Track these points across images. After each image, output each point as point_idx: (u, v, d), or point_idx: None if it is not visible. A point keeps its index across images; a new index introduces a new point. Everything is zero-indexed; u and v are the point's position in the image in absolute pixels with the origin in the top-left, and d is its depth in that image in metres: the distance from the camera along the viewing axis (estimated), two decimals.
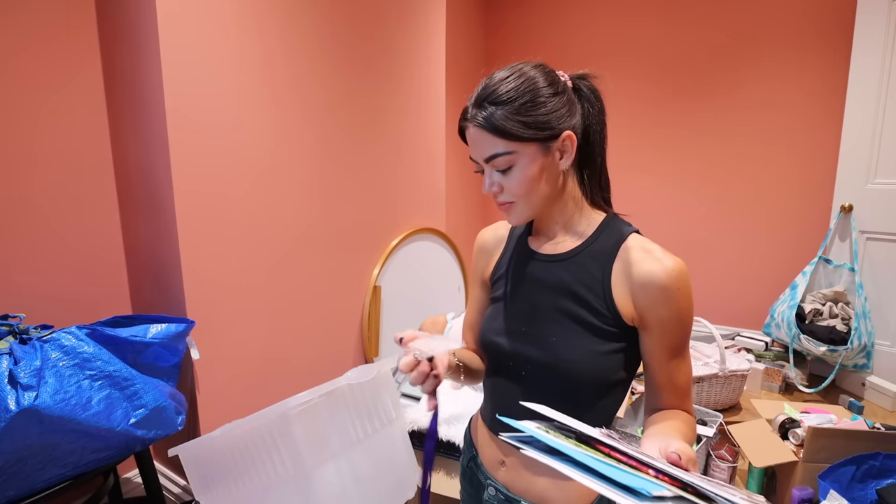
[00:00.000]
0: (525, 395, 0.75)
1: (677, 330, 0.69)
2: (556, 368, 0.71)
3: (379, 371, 1.05)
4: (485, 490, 0.81)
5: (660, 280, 0.66)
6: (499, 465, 0.79)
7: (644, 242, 0.71)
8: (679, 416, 0.70)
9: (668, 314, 0.67)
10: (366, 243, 2.08)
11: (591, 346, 0.70)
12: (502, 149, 0.67)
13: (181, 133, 1.41)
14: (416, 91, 2.25)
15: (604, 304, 0.70)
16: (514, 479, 0.77)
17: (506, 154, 0.67)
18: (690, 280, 0.69)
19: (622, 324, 0.70)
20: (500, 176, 0.69)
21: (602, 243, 0.72)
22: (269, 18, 1.60)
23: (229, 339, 1.60)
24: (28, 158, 1.43)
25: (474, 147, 0.70)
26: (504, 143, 0.67)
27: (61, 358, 1.10)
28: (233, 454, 1.01)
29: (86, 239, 1.56)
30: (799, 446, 1.63)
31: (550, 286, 0.74)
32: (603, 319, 0.70)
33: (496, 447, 0.80)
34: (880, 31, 2.24)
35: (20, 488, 1.09)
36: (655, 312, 0.68)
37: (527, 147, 0.67)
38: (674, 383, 0.71)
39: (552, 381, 0.73)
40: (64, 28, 1.46)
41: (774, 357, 2.57)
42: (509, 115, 0.65)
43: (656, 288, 0.67)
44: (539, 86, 0.67)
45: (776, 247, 2.80)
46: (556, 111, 0.67)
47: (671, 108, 2.97)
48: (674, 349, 0.70)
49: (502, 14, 3.44)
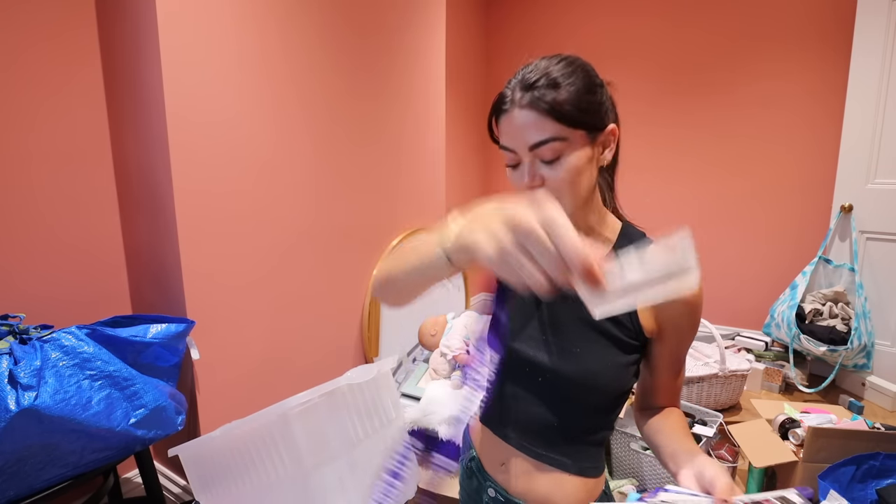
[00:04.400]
0: (538, 401, 0.74)
1: (689, 337, 0.71)
2: (579, 379, 0.70)
3: (379, 371, 1.06)
4: (485, 492, 0.81)
5: (687, 296, 0.67)
6: (499, 467, 0.78)
7: None
8: (674, 413, 0.74)
9: (688, 325, 0.70)
10: (366, 243, 2.08)
11: (615, 359, 0.70)
12: (554, 133, 0.62)
13: (181, 133, 1.41)
14: (416, 91, 2.25)
15: (628, 316, 0.69)
16: (514, 481, 0.76)
17: (557, 140, 0.62)
18: None
19: (642, 337, 0.71)
20: (544, 167, 0.64)
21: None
22: (270, 18, 1.60)
23: (229, 339, 1.60)
24: (28, 158, 1.43)
25: (519, 133, 0.63)
26: (557, 127, 0.62)
27: (61, 358, 1.10)
28: (233, 454, 1.01)
29: (86, 239, 1.56)
30: (799, 446, 1.63)
31: (575, 297, 0.73)
32: (626, 332, 0.70)
33: (496, 449, 0.79)
34: (880, 31, 2.24)
35: (20, 488, 1.09)
36: (677, 323, 0.70)
37: (577, 134, 0.63)
38: (674, 384, 0.74)
39: (570, 391, 0.71)
40: (64, 28, 1.46)
41: (774, 357, 2.57)
42: (566, 98, 0.61)
43: (682, 303, 0.68)
44: (591, 74, 0.65)
45: (776, 247, 2.80)
46: (604, 102, 0.66)
47: (671, 107, 2.97)
48: (682, 355, 0.73)
49: (502, 14, 3.44)
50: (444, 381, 2.02)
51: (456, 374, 2.00)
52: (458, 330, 2.07)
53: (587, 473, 0.75)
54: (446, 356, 2.03)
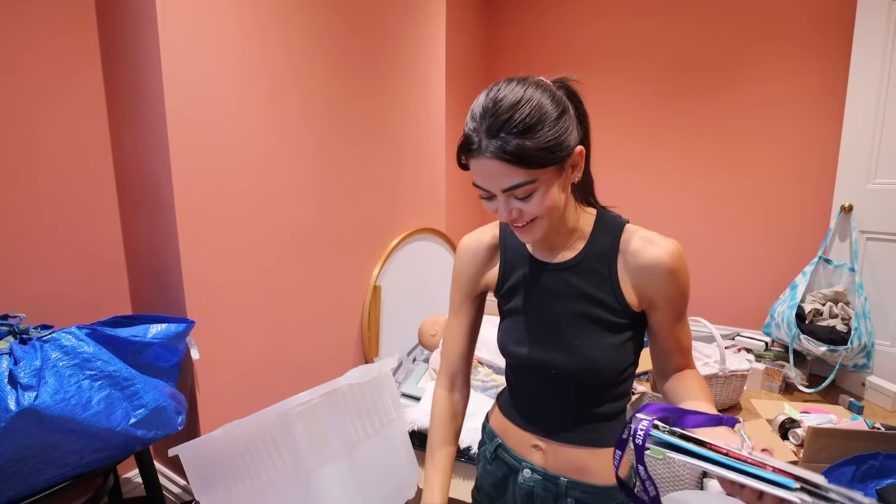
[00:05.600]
0: (554, 391, 0.81)
1: (681, 301, 0.75)
2: (582, 368, 0.76)
3: (379, 371, 1.06)
4: (520, 472, 0.84)
5: (666, 264, 0.72)
6: (532, 449, 0.83)
7: (639, 231, 0.76)
8: (693, 377, 0.77)
9: (675, 291, 0.74)
10: (366, 243, 2.08)
11: (610, 341, 0.75)
12: (524, 178, 0.65)
13: (181, 133, 1.41)
14: (416, 91, 2.25)
15: (614, 299, 0.75)
16: (551, 459, 0.81)
17: (527, 183, 0.65)
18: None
19: (632, 313, 0.75)
20: (519, 202, 0.68)
21: (602, 242, 0.77)
22: (270, 18, 1.60)
23: (229, 339, 1.60)
24: (28, 158, 1.43)
25: (489, 178, 0.66)
26: (525, 172, 0.64)
27: (61, 358, 1.10)
28: (233, 454, 1.01)
29: (86, 239, 1.56)
30: (799, 446, 1.63)
31: (563, 293, 0.78)
32: (615, 314, 0.75)
33: (525, 436, 0.84)
34: (880, 31, 2.24)
35: (20, 488, 1.09)
36: (664, 293, 0.74)
37: (546, 172, 0.66)
38: (680, 345, 0.79)
39: (579, 378, 0.78)
40: (64, 28, 1.46)
41: (774, 357, 2.57)
42: (530, 145, 0.63)
43: (663, 272, 0.72)
44: (549, 109, 0.64)
45: (776, 247, 2.80)
46: (566, 130, 0.66)
47: (671, 107, 2.97)
48: (678, 316, 0.76)
49: (502, 14, 3.44)
50: None
51: None
52: None
53: (613, 444, 0.78)
54: None
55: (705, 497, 1.58)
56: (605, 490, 0.78)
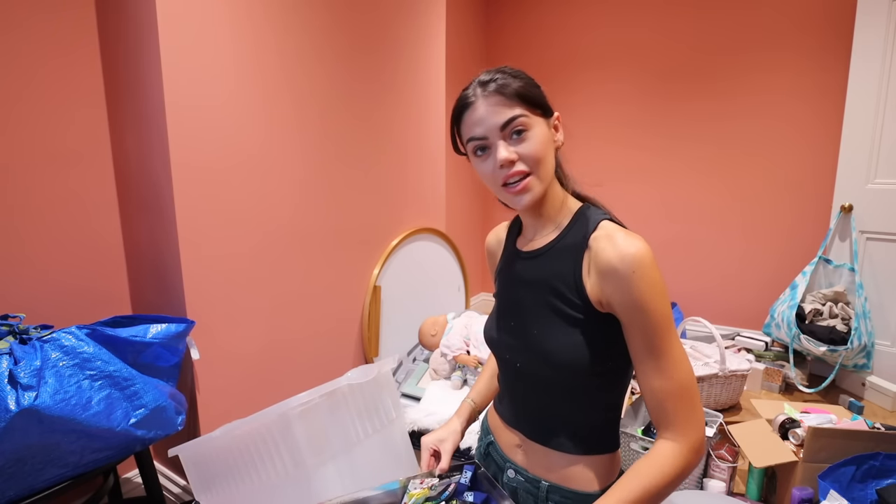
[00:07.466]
0: (524, 385, 0.81)
1: (640, 320, 0.66)
2: (539, 359, 0.75)
3: (379, 371, 1.06)
4: (504, 472, 0.85)
5: (614, 266, 0.66)
6: (516, 449, 0.84)
7: (610, 230, 0.71)
8: (643, 461, 0.67)
9: (630, 300, 0.66)
10: (366, 243, 2.08)
11: (570, 336, 0.72)
12: (520, 111, 0.71)
13: (181, 133, 1.41)
14: (416, 91, 2.25)
15: (576, 294, 0.72)
16: (532, 461, 0.81)
17: (523, 116, 0.71)
18: (655, 268, 0.66)
19: (594, 311, 0.71)
20: (515, 144, 0.71)
21: (574, 235, 0.75)
22: (270, 19, 1.60)
23: (229, 339, 1.60)
24: (28, 158, 1.43)
25: (488, 116, 0.71)
26: (521, 106, 0.71)
27: (61, 358, 1.10)
28: (233, 454, 1.01)
29: (86, 239, 1.56)
30: (799, 446, 1.63)
31: (531, 282, 0.79)
32: (577, 308, 0.72)
33: (510, 434, 0.85)
34: (880, 32, 2.24)
35: (20, 488, 1.09)
36: (618, 299, 0.67)
37: (536, 114, 0.73)
38: (653, 393, 0.67)
39: (542, 371, 0.76)
40: (64, 28, 1.46)
41: (774, 357, 2.57)
42: (522, 86, 0.72)
43: (612, 274, 0.67)
44: (530, 77, 0.76)
45: (776, 247, 2.80)
46: (545, 96, 0.76)
47: (671, 108, 2.97)
48: (646, 346, 0.67)
49: (502, 15, 3.44)
50: (444, 382, 2.02)
51: (456, 374, 2.00)
52: (458, 330, 2.07)
53: (594, 452, 0.77)
54: (446, 356, 2.03)
55: (705, 497, 1.57)
56: (586, 496, 0.76)
